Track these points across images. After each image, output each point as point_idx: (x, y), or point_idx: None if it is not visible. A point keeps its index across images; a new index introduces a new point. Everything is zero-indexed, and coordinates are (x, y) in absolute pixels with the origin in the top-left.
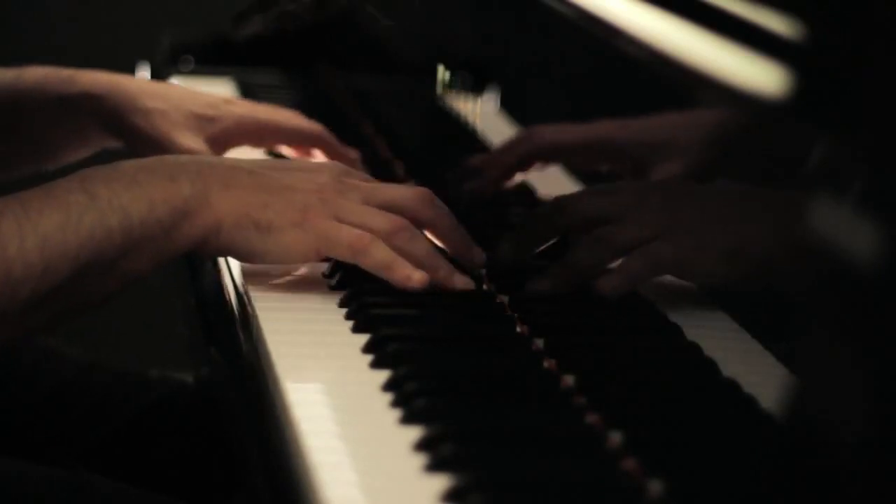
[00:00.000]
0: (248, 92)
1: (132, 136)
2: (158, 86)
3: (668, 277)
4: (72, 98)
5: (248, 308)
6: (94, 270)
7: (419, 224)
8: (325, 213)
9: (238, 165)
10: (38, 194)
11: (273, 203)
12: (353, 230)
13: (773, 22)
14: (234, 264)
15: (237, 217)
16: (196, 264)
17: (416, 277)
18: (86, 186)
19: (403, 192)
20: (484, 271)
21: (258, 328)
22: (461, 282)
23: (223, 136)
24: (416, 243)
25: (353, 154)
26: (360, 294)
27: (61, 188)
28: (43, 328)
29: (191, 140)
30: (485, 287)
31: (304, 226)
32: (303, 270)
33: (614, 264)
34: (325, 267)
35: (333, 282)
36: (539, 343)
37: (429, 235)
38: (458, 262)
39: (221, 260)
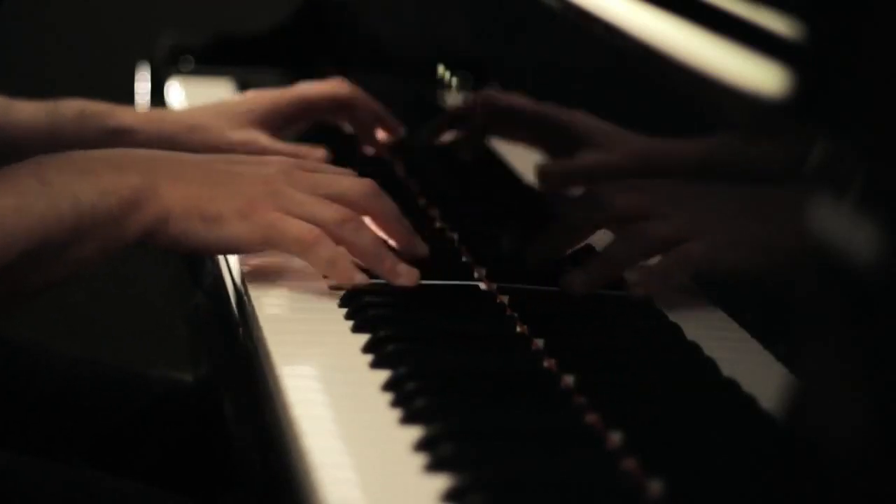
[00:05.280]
0: None
1: None
2: (188, 109)
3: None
4: (112, 131)
5: (248, 308)
6: (44, 254)
7: (364, 214)
8: (271, 205)
9: (187, 159)
10: None
11: (219, 195)
12: (301, 224)
13: (773, 22)
14: (234, 265)
15: (185, 209)
16: (196, 264)
17: (358, 278)
18: (38, 172)
19: (350, 183)
20: (484, 272)
21: (257, 328)
22: (405, 272)
23: (267, 119)
24: (362, 234)
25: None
26: (360, 294)
27: (14, 174)
28: None
29: (243, 133)
30: (484, 287)
31: (251, 217)
32: (303, 270)
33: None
34: None
35: (333, 282)
36: (539, 343)
37: (373, 226)
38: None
39: (221, 261)
